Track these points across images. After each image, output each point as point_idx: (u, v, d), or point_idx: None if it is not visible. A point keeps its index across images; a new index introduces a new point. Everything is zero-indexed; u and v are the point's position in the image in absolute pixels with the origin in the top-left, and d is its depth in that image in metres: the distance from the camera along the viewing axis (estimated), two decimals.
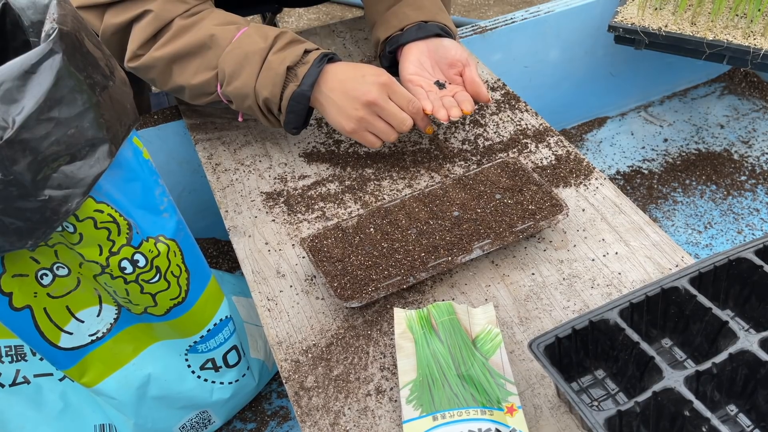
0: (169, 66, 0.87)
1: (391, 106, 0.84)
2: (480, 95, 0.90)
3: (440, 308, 0.71)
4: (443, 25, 0.95)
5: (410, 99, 0.85)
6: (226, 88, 0.85)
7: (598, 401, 0.65)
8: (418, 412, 0.62)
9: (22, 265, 0.74)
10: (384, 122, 0.85)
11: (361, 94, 0.82)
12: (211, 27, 0.85)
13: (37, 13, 0.74)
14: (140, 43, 0.86)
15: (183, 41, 0.85)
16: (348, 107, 0.83)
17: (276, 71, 0.83)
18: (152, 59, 0.87)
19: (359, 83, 0.83)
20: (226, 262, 1.33)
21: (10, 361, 0.83)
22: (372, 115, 0.84)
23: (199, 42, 0.85)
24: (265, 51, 0.83)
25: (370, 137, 0.86)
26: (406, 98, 0.85)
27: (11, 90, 0.61)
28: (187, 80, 0.87)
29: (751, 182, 1.40)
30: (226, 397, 0.99)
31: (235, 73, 0.84)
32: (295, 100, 0.84)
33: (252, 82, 0.84)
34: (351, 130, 0.85)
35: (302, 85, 0.83)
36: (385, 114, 0.84)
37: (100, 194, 0.71)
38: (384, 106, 0.83)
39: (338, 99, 0.84)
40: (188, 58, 0.86)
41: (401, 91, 0.85)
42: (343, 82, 0.84)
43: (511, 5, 2.24)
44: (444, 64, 0.93)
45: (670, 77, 1.63)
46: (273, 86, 0.83)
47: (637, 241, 0.80)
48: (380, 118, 0.84)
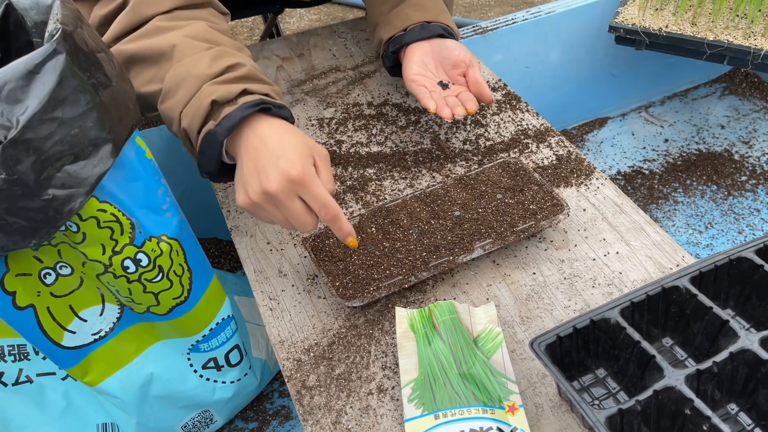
0: (128, 65, 0.78)
1: (292, 206, 0.68)
2: (483, 95, 0.90)
3: (442, 307, 0.71)
4: (446, 25, 0.95)
5: (324, 204, 0.68)
6: (160, 104, 0.75)
7: (599, 400, 0.65)
8: (420, 410, 0.63)
9: (26, 265, 0.74)
10: (282, 215, 0.70)
11: (264, 179, 0.67)
12: (179, 37, 0.75)
13: (40, 13, 0.75)
14: (113, 36, 0.78)
15: (147, 43, 0.76)
16: (246, 183, 0.69)
17: (201, 103, 0.70)
18: (115, 52, 0.77)
19: (270, 162, 0.67)
20: (227, 262, 1.33)
21: (12, 360, 0.83)
22: (267, 204, 0.69)
23: (160, 50, 0.75)
24: (206, 77, 0.71)
25: (262, 217, 0.72)
26: (319, 203, 0.68)
27: (15, 90, 0.61)
28: (138, 86, 0.77)
29: (752, 182, 1.40)
30: (228, 397, 0.99)
31: (171, 92, 0.73)
32: (207, 141, 0.70)
33: (180, 107, 0.72)
34: (240, 205, 0.70)
35: (219, 126, 0.69)
36: (282, 209, 0.69)
37: (103, 194, 0.71)
38: (282, 205, 0.68)
39: (245, 166, 0.69)
40: (146, 63, 0.76)
41: (314, 194, 0.67)
42: (258, 150, 0.69)
43: (512, 6, 2.25)
44: (447, 65, 0.94)
45: (670, 78, 1.64)
46: (192, 118, 0.71)
47: (637, 240, 0.80)
48: (278, 209, 0.69)
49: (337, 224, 0.69)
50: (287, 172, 0.66)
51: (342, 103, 1.05)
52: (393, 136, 0.98)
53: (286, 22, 2.23)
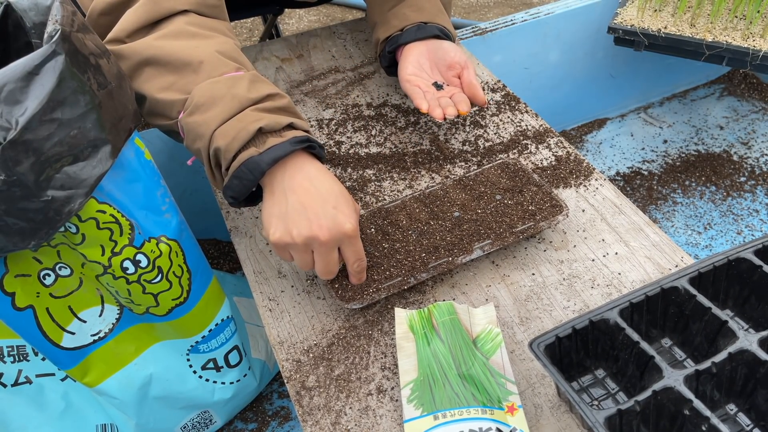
0: (142, 66, 0.74)
1: (331, 256, 0.69)
2: (477, 98, 0.91)
3: (441, 308, 0.71)
4: (443, 26, 0.96)
5: (359, 259, 0.71)
6: (186, 117, 0.70)
7: (598, 400, 0.65)
8: (419, 411, 0.63)
9: (25, 266, 0.74)
10: (311, 257, 0.70)
11: (315, 225, 0.67)
12: (206, 52, 0.73)
13: (39, 14, 0.75)
14: (130, 30, 0.75)
15: (170, 47, 0.73)
16: (291, 221, 0.67)
17: (245, 126, 0.68)
18: (129, 50, 0.74)
19: (324, 209, 0.67)
20: (227, 263, 1.33)
21: (12, 361, 0.83)
22: (305, 247, 0.68)
23: (185, 59, 0.72)
24: (247, 101, 0.69)
25: (285, 255, 0.71)
26: (357, 256, 0.70)
27: (14, 91, 0.61)
28: (151, 91, 0.74)
29: (751, 183, 1.40)
30: (228, 397, 0.99)
31: (203, 107, 0.69)
32: (248, 167, 0.67)
33: (214, 125, 0.69)
34: (274, 241, 0.69)
35: (264, 154, 0.67)
36: (319, 257, 0.69)
37: (103, 195, 0.71)
38: (324, 253, 0.68)
39: (290, 203, 0.68)
40: (165, 68, 0.73)
41: (356, 248, 0.70)
42: (308, 191, 0.68)
43: (511, 7, 2.25)
44: (442, 66, 0.94)
45: (669, 79, 1.64)
46: (233, 140, 0.67)
47: (636, 241, 0.80)
48: (311, 252, 0.69)
49: (361, 275, 0.73)
50: (343, 225, 0.67)
51: (341, 104, 1.06)
52: (392, 137, 0.98)
53: (285, 23, 2.23)
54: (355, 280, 0.73)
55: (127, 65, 0.75)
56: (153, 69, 0.74)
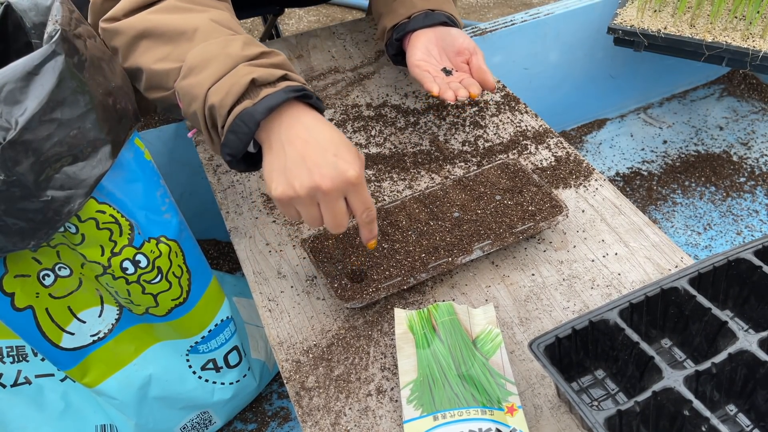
0: (138, 40, 0.74)
1: (338, 206, 0.66)
2: (487, 82, 0.91)
3: (441, 309, 0.71)
4: (450, 14, 0.96)
5: (367, 208, 0.68)
6: (180, 81, 0.70)
7: (598, 401, 0.65)
8: (419, 411, 0.63)
9: (24, 266, 0.74)
10: (318, 211, 0.67)
11: (317, 174, 0.64)
12: (201, 20, 0.72)
13: (39, 14, 0.75)
14: (126, 9, 0.75)
15: (164, 19, 0.73)
16: (291, 174, 0.65)
17: (238, 80, 0.66)
18: (125, 25, 0.74)
19: (324, 158, 0.65)
20: (226, 264, 1.33)
21: (11, 362, 0.83)
22: (311, 200, 0.66)
23: (180, 28, 0.72)
24: (240, 58, 0.68)
25: (291, 211, 0.68)
26: (364, 205, 0.68)
27: (14, 91, 0.61)
28: (148, 63, 0.73)
29: (750, 184, 1.40)
30: (227, 398, 0.99)
31: (196, 69, 0.69)
32: (242, 119, 0.66)
33: (207, 84, 0.68)
34: (277, 196, 0.66)
35: (258, 104, 0.66)
36: (326, 208, 0.66)
37: (102, 195, 0.71)
38: (330, 204, 0.66)
39: (288, 155, 0.66)
40: (161, 39, 0.72)
41: (362, 196, 0.67)
42: (306, 142, 0.66)
43: (511, 7, 2.25)
44: (451, 52, 0.94)
45: (669, 79, 1.64)
46: (226, 95, 0.66)
47: (636, 242, 0.80)
48: (317, 205, 0.67)
49: (372, 226, 0.70)
50: (345, 172, 0.65)
51: (341, 104, 1.06)
52: (392, 138, 0.98)
53: (285, 23, 2.23)
54: (366, 232, 0.70)
55: (123, 40, 0.74)
56: (149, 41, 0.73)
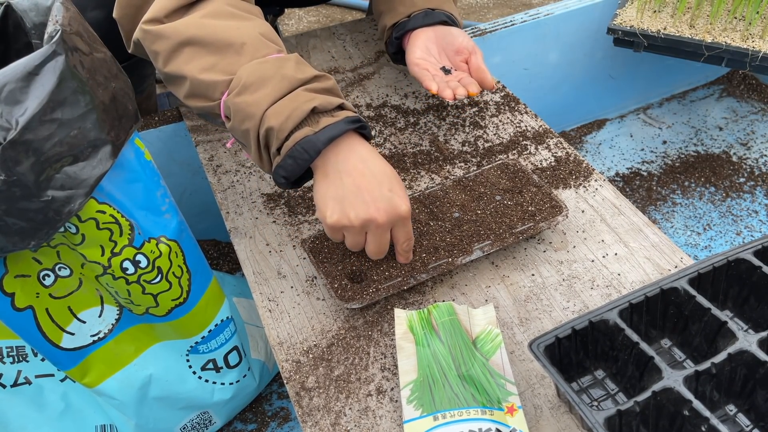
0: (182, 46, 0.73)
1: (385, 237, 0.71)
2: (485, 81, 0.91)
3: (441, 309, 0.71)
4: (450, 13, 0.96)
5: (409, 239, 0.73)
6: (234, 98, 0.70)
7: (597, 401, 0.65)
8: (419, 412, 0.63)
9: (25, 266, 0.74)
10: (363, 239, 0.72)
11: (373, 207, 0.68)
12: (248, 33, 0.72)
13: (39, 15, 0.75)
14: (169, 10, 0.74)
15: (212, 28, 0.72)
16: (348, 204, 0.68)
17: (299, 106, 0.68)
18: (170, 30, 0.73)
19: (380, 192, 0.68)
20: (226, 264, 1.33)
21: (11, 362, 0.83)
22: (361, 229, 0.70)
23: (227, 40, 0.72)
24: (297, 81, 0.70)
25: (338, 236, 0.72)
26: (407, 236, 0.73)
27: (14, 91, 0.61)
28: (193, 72, 0.73)
29: (750, 184, 1.40)
30: (227, 398, 0.99)
31: (252, 87, 0.69)
32: (303, 146, 0.67)
33: (265, 104, 0.68)
34: (331, 223, 0.69)
35: (319, 134, 0.68)
36: (373, 238, 0.71)
37: (103, 195, 0.71)
38: (379, 235, 0.70)
39: (345, 185, 0.68)
40: (207, 49, 0.72)
41: (407, 229, 0.72)
42: (362, 174, 0.69)
43: (511, 8, 2.25)
44: (450, 51, 0.95)
45: (668, 79, 1.64)
46: (287, 120, 0.67)
47: (636, 242, 0.80)
48: (365, 234, 0.71)
49: (409, 254, 0.75)
50: (399, 207, 0.69)
51: None
52: (392, 138, 0.98)
53: (285, 23, 2.23)
54: (403, 259, 0.75)
55: (166, 45, 0.74)
56: (194, 49, 0.73)
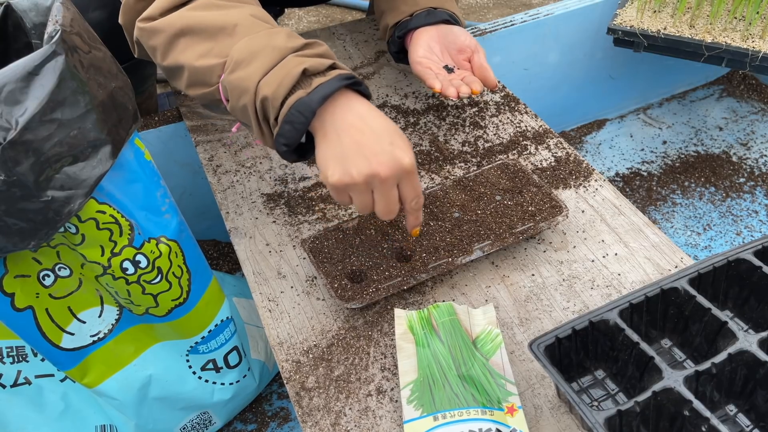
0: (177, 37, 0.74)
1: (392, 193, 0.68)
2: (488, 80, 0.91)
3: (441, 309, 0.71)
4: (452, 12, 0.96)
5: (418, 195, 0.70)
6: (228, 75, 0.70)
7: (598, 401, 0.65)
8: (419, 412, 0.63)
9: (24, 266, 0.74)
10: (371, 198, 0.69)
11: (375, 162, 0.66)
12: (240, 15, 0.73)
13: (39, 15, 0.75)
14: (162, 8, 0.75)
15: (203, 16, 0.73)
16: (350, 161, 0.67)
17: (289, 71, 0.68)
18: (163, 23, 0.74)
19: (380, 146, 0.67)
20: (226, 264, 1.33)
21: (11, 362, 0.83)
22: (366, 186, 0.67)
23: (219, 25, 0.72)
24: (287, 50, 0.70)
25: (345, 198, 0.70)
26: (415, 192, 0.70)
27: (14, 91, 0.61)
28: (189, 60, 0.73)
29: (750, 184, 1.40)
30: (227, 398, 0.99)
31: (244, 62, 0.69)
32: (298, 109, 0.67)
33: (257, 76, 0.69)
34: (333, 183, 0.68)
35: (312, 94, 0.67)
36: (380, 195, 0.68)
37: (102, 195, 0.71)
38: (385, 191, 0.68)
39: (345, 144, 0.67)
40: (201, 36, 0.73)
41: (414, 184, 0.69)
42: (361, 130, 0.68)
43: (511, 8, 2.25)
44: (453, 50, 0.95)
45: (668, 80, 1.64)
46: (279, 86, 0.67)
47: (636, 242, 0.80)
48: (371, 192, 0.69)
49: (419, 213, 0.72)
50: (401, 160, 0.67)
51: None
52: None
53: (285, 24, 2.23)
54: (413, 219, 0.73)
55: (162, 39, 0.75)
56: (188, 38, 0.74)
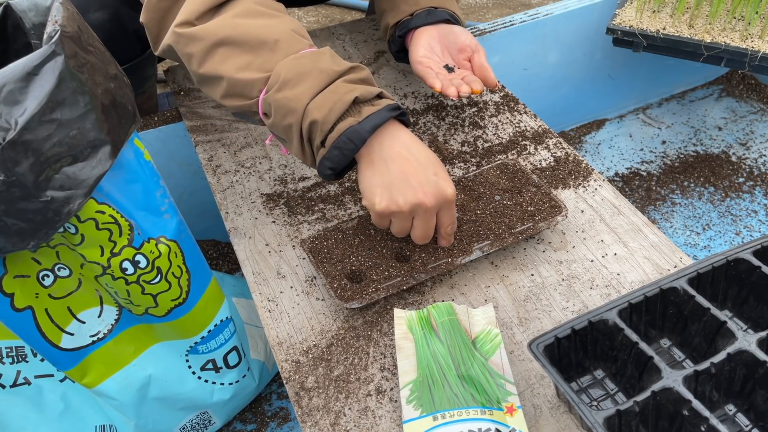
0: (216, 47, 0.74)
1: (432, 222, 0.73)
2: (488, 80, 0.91)
3: (440, 309, 0.71)
4: (452, 12, 0.97)
5: (453, 222, 0.75)
6: (274, 94, 0.71)
7: (597, 401, 0.65)
8: (419, 412, 0.63)
9: (24, 266, 0.74)
10: (410, 224, 0.73)
11: (420, 192, 0.70)
12: (281, 30, 0.74)
13: (38, 15, 0.75)
14: (199, 12, 0.75)
15: (245, 27, 0.73)
16: (396, 189, 0.70)
17: (341, 97, 0.69)
18: (203, 31, 0.74)
19: (426, 177, 0.70)
20: (226, 264, 1.33)
21: (11, 362, 0.83)
22: (409, 214, 0.71)
23: (260, 38, 0.73)
24: (335, 74, 0.71)
25: (385, 223, 0.74)
26: (451, 220, 0.74)
27: (13, 92, 0.61)
28: (229, 72, 0.73)
29: (749, 184, 1.40)
30: (227, 398, 0.99)
31: (292, 82, 0.70)
32: (348, 137, 0.69)
33: (306, 98, 0.70)
34: (380, 210, 0.71)
35: (363, 123, 0.69)
36: (421, 222, 0.72)
37: (102, 195, 0.71)
38: (426, 219, 0.72)
39: (392, 172, 0.70)
40: (241, 48, 0.73)
41: (452, 212, 0.74)
42: (407, 160, 0.70)
43: (510, 8, 2.25)
44: (453, 50, 0.95)
45: (668, 79, 1.64)
46: (330, 112, 0.69)
47: (635, 242, 0.80)
48: (412, 219, 0.73)
49: (451, 237, 0.76)
50: (445, 191, 0.71)
51: None
52: None
53: None
54: (445, 242, 0.76)
55: (200, 47, 0.74)
56: (228, 49, 0.73)
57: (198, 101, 1.10)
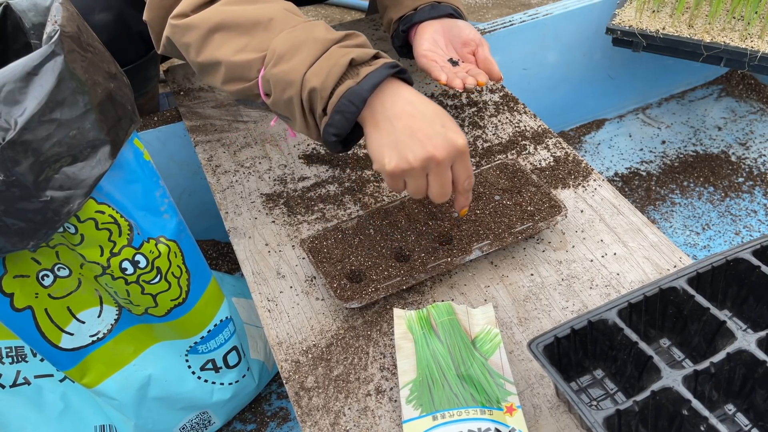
0: (211, 33, 0.74)
1: (447, 175, 0.70)
2: (493, 72, 0.91)
3: (440, 309, 0.71)
4: (456, 6, 0.97)
5: (470, 175, 0.72)
6: (271, 69, 0.71)
7: (596, 401, 0.65)
8: (418, 411, 0.63)
9: (24, 266, 0.74)
10: (425, 181, 0.70)
11: (430, 146, 0.67)
12: (274, 10, 0.74)
13: (38, 15, 0.75)
14: (194, 5, 0.76)
15: (237, 10, 0.74)
16: (405, 147, 0.68)
17: (336, 61, 0.68)
18: (197, 19, 0.75)
19: (434, 129, 0.68)
20: (225, 264, 1.33)
21: (10, 362, 0.83)
22: (422, 170, 0.69)
23: (254, 20, 0.73)
24: (330, 41, 0.71)
25: (399, 184, 0.71)
26: (468, 173, 0.71)
27: (13, 92, 0.61)
28: (227, 56, 0.74)
29: (749, 184, 1.40)
30: (226, 398, 0.99)
31: (287, 55, 0.70)
32: (348, 99, 0.68)
33: (303, 68, 0.69)
34: (391, 170, 0.69)
35: (362, 83, 0.68)
36: (435, 177, 0.69)
37: (102, 195, 0.71)
38: (440, 173, 0.69)
39: (399, 130, 0.68)
40: (236, 31, 0.74)
41: (467, 164, 0.71)
42: (412, 115, 0.69)
43: (510, 8, 2.25)
44: (457, 43, 0.95)
45: (667, 79, 1.64)
46: (327, 77, 0.68)
47: (635, 242, 0.80)
48: (426, 176, 0.70)
49: (469, 193, 0.74)
50: (456, 141, 0.68)
51: None
52: None
53: None
54: (464, 199, 0.74)
55: (196, 35, 0.75)
56: (223, 34, 0.74)
57: (198, 101, 1.10)
